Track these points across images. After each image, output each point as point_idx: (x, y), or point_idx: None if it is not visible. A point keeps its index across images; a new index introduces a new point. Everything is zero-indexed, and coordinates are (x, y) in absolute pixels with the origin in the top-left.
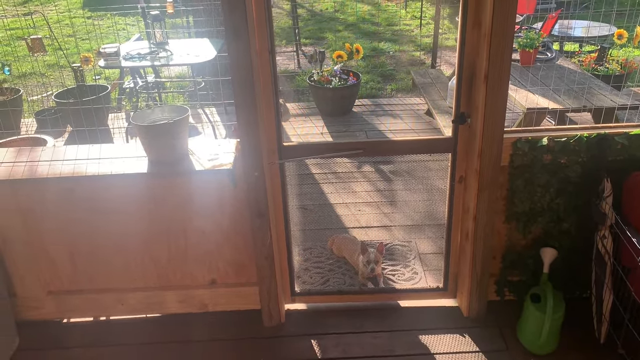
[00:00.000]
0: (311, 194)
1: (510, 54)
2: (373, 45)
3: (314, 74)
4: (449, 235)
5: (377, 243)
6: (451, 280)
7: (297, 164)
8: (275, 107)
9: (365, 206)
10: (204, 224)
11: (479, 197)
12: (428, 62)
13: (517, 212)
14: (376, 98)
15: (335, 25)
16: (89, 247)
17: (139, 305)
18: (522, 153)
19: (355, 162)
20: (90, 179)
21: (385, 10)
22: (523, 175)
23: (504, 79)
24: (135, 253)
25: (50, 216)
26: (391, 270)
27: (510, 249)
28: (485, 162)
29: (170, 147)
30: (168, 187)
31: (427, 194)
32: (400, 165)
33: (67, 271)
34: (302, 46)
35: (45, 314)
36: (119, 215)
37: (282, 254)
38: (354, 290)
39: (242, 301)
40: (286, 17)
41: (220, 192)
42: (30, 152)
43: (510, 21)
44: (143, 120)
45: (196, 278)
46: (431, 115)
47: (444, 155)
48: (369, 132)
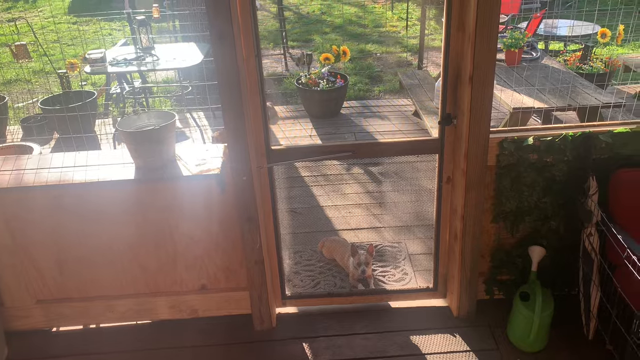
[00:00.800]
0: (300, 197)
1: (495, 55)
2: (360, 47)
3: (302, 76)
4: (437, 235)
5: (367, 245)
6: (441, 281)
7: (286, 167)
8: (263, 111)
9: (354, 208)
10: (192, 230)
11: (467, 197)
12: (415, 64)
13: (504, 211)
14: (364, 100)
15: (322, 28)
16: (77, 255)
17: (128, 312)
18: (509, 153)
19: (345, 164)
20: (76, 186)
21: (371, 12)
22: (510, 175)
23: (488, 79)
24: (123, 260)
25: (37, 225)
26: (381, 272)
27: (499, 248)
28: (472, 162)
29: (157, 153)
30: (155, 193)
31: (415, 194)
32: (389, 167)
33: (55, 280)
34: (290, 49)
35: (34, 324)
36: (107, 222)
37: (272, 258)
38: (344, 293)
39: (232, 306)
40: (273, 20)
41: (209, 197)
42: (16, 160)
43: (494, 22)
44: (129, 126)
45: (186, 284)
46: (419, 116)
47: (432, 156)
48: (357, 134)
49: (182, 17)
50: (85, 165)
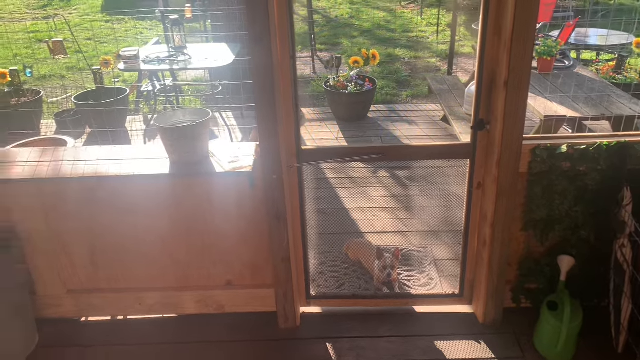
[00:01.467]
0: (327, 198)
1: (531, 61)
2: (388, 52)
3: (330, 79)
4: (466, 241)
5: (392, 248)
6: (467, 287)
7: (313, 168)
8: (295, 112)
9: (380, 211)
10: (222, 226)
11: (497, 204)
12: (444, 69)
13: (534, 219)
14: (391, 104)
15: (351, 32)
16: (109, 246)
17: (156, 305)
18: (541, 160)
19: (371, 167)
20: (112, 179)
21: (400, 17)
22: (541, 183)
23: (524, 86)
24: (154, 253)
25: (72, 215)
26: (407, 276)
27: (528, 256)
28: (504, 168)
29: (192, 149)
30: (189, 188)
31: (443, 199)
32: (417, 171)
33: (87, 270)
34: (318, 52)
35: (64, 312)
36: (140, 215)
37: (298, 257)
38: (369, 295)
39: (258, 303)
40: (302, 23)
41: (239, 194)
42: (54, 152)
43: (531, 28)
44: (165, 122)
45: (213, 279)
46: (447, 121)
47: (462, 162)
48: (384, 137)
49: (214, 18)
50: (119, 158)
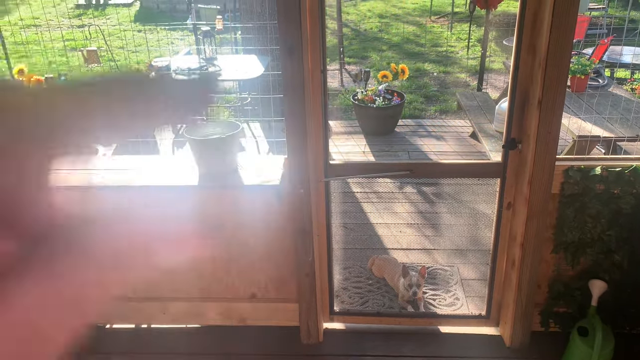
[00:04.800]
0: (352, 213)
1: (566, 80)
2: (417, 66)
3: (358, 92)
4: (494, 262)
5: (418, 266)
6: (494, 308)
7: (340, 182)
8: (324, 125)
9: (406, 227)
10: (248, 238)
11: (528, 225)
12: (473, 85)
13: (565, 241)
14: (419, 119)
15: (380, 45)
16: None
17: (180, 315)
18: (574, 182)
19: (397, 183)
20: (140, 189)
21: (430, 31)
22: (573, 205)
23: (558, 105)
24: (179, 263)
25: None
26: (432, 295)
27: (557, 279)
28: (536, 189)
29: (221, 161)
30: (216, 200)
31: (471, 218)
32: (444, 188)
33: None
34: (346, 65)
35: None
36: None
37: (322, 272)
38: (393, 313)
39: (281, 317)
40: (331, 36)
41: (266, 207)
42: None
43: (567, 48)
44: (196, 133)
45: (237, 291)
46: (476, 138)
47: (492, 180)
48: (411, 152)
49: (244, 30)
50: (148, 168)
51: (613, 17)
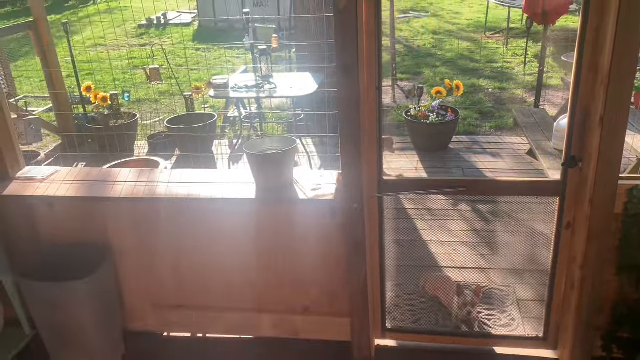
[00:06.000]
0: (405, 229)
1: (630, 98)
2: (471, 82)
3: (411, 109)
4: (552, 283)
5: (472, 285)
6: (552, 330)
7: (393, 198)
8: (378, 142)
9: (460, 246)
10: (302, 252)
11: (589, 246)
12: (530, 101)
13: (630, 264)
14: (474, 135)
15: (433, 61)
16: (193, 265)
17: (234, 325)
18: (638, 201)
19: (451, 200)
20: (199, 201)
21: (485, 47)
22: (638, 225)
23: (621, 123)
24: (235, 274)
25: (161, 234)
26: (487, 315)
27: (621, 302)
28: (597, 209)
29: (278, 175)
30: (272, 214)
31: (527, 237)
32: (500, 206)
33: (172, 287)
34: (399, 81)
35: (148, 326)
36: (224, 236)
37: (375, 288)
38: (447, 332)
39: (333, 331)
40: (384, 53)
41: (320, 222)
42: (150, 173)
43: (631, 63)
44: (254, 148)
45: (290, 304)
46: (533, 155)
47: (551, 199)
48: (465, 169)
49: (298, 48)
50: (209, 182)
51: None
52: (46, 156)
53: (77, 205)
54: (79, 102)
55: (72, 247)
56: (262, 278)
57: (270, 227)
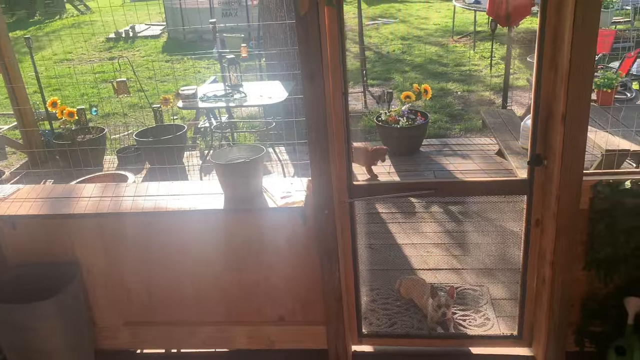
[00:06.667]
0: (378, 233)
1: (590, 95)
2: (440, 86)
3: (382, 114)
4: (524, 280)
5: (446, 286)
6: (526, 328)
7: (364, 203)
8: (347, 147)
9: (433, 247)
10: (274, 261)
11: (557, 242)
12: (498, 102)
13: (598, 258)
14: (444, 138)
15: (403, 67)
16: (164, 280)
17: (209, 339)
18: (604, 196)
19: (423, 202)
20: (168, 214)
21: (453, 51)
22: (604, 220)
23: (583, 120)
24: (207, 287)
25: (130, 249)
26: (462, 316)
27: (591, 297)
28: (564, 205)
29: (246, 185)
30: (242, 223)
31: (499, 236)
32: (470, 206)
33: (143, 303)
34: (369, 87)
35: (121, 344)
36: (194, 249)
37: (349, 294)
38: (422, 335)
39: (308, 340)
40: (353, 59)
41: (291, 230)
42: (116, 187)
43: (589, 61)
44: (221, 158)
45: (265, 314)
46: (502, 155)
47: (519, 197)
48: (437, 172)
49: (268, 57)
50: (176, 194)
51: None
52: (11, 174)
53: (41, 224)
54: (45, 118)
55: (38, 267)
56: (235, 289)
57: (240, 237)
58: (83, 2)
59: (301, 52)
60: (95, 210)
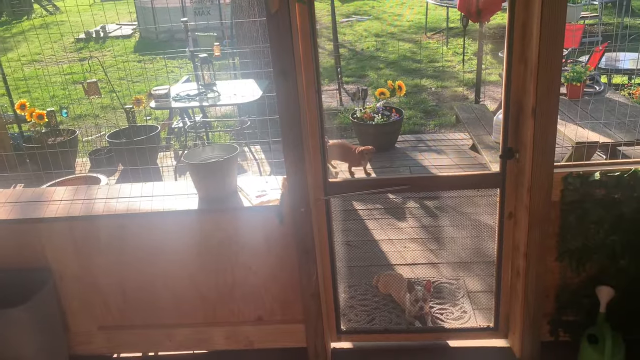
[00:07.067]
0: (355, 230)
1: (558, 88)
2: (415, 82)
3: (357, 111)
4: (499, 273)
5: (423, 280)
6: (502, 320)
7: (341, 200)
8: (321, 145)
9: (410, 242)
10: (251, 260)
11: (530, 234)
12: (471, 98)
13: (570, 249)
14: (419, 134)
15: (377, 64)
16: (139, 283)
17: (186, 341)
18: (574, 188)
19: (400, 198)
20: (141, 215)
21: (426, 47)
22: (575, 211)
23: (552, 113)
24: (183, 288)
25: (103, 252)
26: (439, 309)
27: (564, 287)
28: (536, 197)
29: (220, 185)
30: (217, 224)
31: (474, 230)
32: (446, 201)
33: (118, 306)
34: (344, 84)
35: (96, 349)
36: (169, 251)
37: (327, 291)
38: (401, 330)
39: (288, 339)
40: (328, 57)
41: (267, 228)
42: (87, 190)
43: (557, 55)
44: (194, 158)
45: (243, 314)
46: (476, 150)
47: (492, 191)
48: (412, 167)
49: (242, 55)
50: (150, 195)
51: (608, 25)
52: None
53: (10, 229)
54: (13, 121)
55: (8, 273)
56: (212, 290)
57: (215, 237)
58: (51, 2)
59: (273, 50)
60: (67, 213)
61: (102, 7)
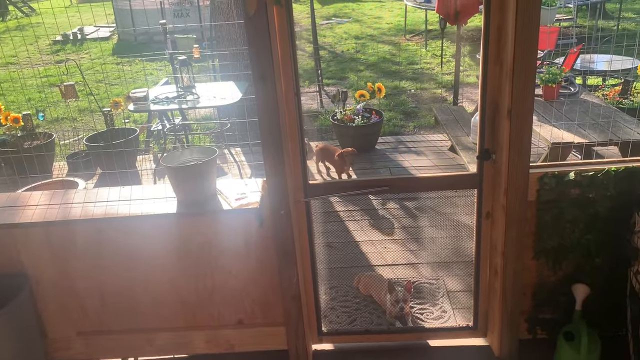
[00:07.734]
0: (336, 232)
1: (533, 89)
2: (394, 84)
3: (337, 113)
4: (477, 272)
5: (404, 281)
6: (481, 319)
7: (321, 202)
8: (301, 147)
9: (391, 243)
10: (231, 264)
11: (507, 233)
12: (450, 99)
13: (546, 248)
14: (399, 135)
15: (357, 66)
16: (118, 287)
17: (166, 345)
18: (549, 188)
19: (380, 199)
20: (119, 220)
21: (405, 49)
22: (551, 211)
23: (527, 114)
24: (163, 293)
25: (81, 257)
26: (419, 309)
27: (541, 285)
28: (512, 197)
29: (199, 188)
30: (196, 227)
31: (453, 230)
32: (425, 202)
33: (97, 311)
34: (325, 86)
35: (74, 355)
36: (148, 255)
37: (308, 293)
38: (381, 330)
39: (269, 341)
40: (308, 59)
41: (247, 231)
42: (64, 194)
43: (532, 57)
44: (172, 161)
45: (223, 318)
46: (455, 151)
47: (470, 191)
48: (392, 168)
49: (221, 57)
50: (129, 199)
51: (582, 27)
52: None
53: None
54: None
55: None
56: (192, 294)
57: (195, 241)
58: (27, 3)
59: (251, 52)
60: (43, 218)
61: (79, 9)
